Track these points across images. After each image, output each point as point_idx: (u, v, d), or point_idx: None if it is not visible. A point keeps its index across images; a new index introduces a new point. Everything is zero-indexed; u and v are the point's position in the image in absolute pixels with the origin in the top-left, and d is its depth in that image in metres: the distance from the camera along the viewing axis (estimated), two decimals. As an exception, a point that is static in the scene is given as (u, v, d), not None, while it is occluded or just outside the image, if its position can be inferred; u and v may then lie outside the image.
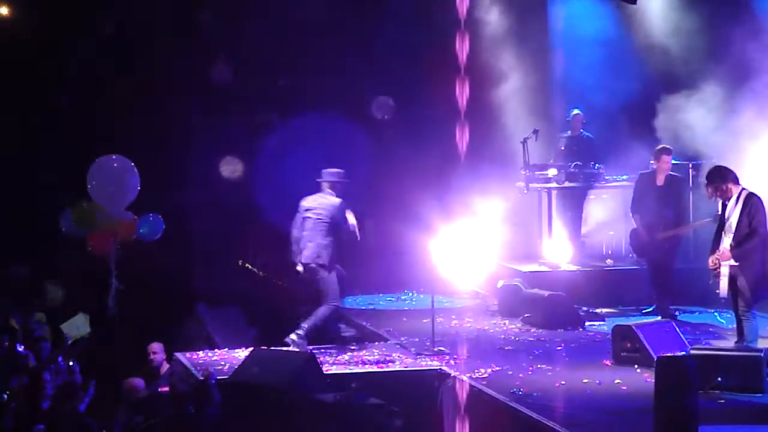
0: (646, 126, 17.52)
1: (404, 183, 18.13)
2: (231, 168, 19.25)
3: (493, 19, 19.10)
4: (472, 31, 17.49)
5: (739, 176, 12.86)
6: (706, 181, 12.97)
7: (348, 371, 13.03)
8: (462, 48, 13.45)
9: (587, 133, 18.23)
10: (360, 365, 13.35)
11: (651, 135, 17.20)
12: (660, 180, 15.66)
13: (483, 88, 18.37)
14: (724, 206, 12.82)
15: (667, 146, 15.82)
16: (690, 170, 17.21)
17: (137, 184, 16.28)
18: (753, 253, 12.60)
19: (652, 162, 15.89)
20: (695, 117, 17.41)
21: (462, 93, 13.13)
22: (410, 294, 17.87)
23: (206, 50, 19.24)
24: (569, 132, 18.28)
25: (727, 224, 12.74)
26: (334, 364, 13.32)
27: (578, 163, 17.71)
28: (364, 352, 14.04)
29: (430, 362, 13.37)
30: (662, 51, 18.05)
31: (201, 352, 14.31)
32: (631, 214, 15.98)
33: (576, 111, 18.24)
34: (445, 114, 17.36)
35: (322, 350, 13.89)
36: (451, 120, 16.75)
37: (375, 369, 13.21)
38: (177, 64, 18.65)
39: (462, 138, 13.96)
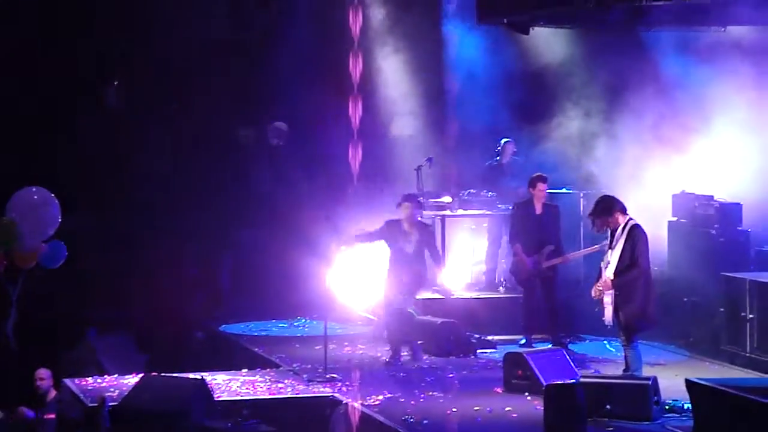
0: (537, 152, 17.75)
1: (298, 208, 18.08)
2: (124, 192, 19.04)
3: (388, 42, 19.18)
4: (367, 56, 17.57)
5: (626, 206, 13.03)
6: (591, 212, 13.13)
7: (239, 398, 12.92)
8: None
9: (516, 157, 18.32)
10: (251, 392, 13.24)
11: (540, 162, 17.41)
12: (538, 209, 15.75)
13: (377, 114, 18.44)
14: (611, 235, 12.97)
15: (542, 174, 15.88)
16: (581, 199, 17.41)
17: (58, 215, 15.91)
18: (634, 284, 12.75)
19: (530, 189, 15.95)
20: (582, 146, 17.71)
21: (355, 122, 13.19)
22: (303, 320, 17.80)
23: (99, 72, 19.06)
24: (498, 159, 18.38)
25: (611, 254, 12.89)
26: (226, 391, 13.20)
27: (471, 190, 17.85)
28: (256, 378, 13.93)
29: (322, 389, 13.33)
30: (554, 79, 18.32)
31: (90, 378, 14.09)
32: (510, 245, 16.08)
33: (506, 139, 18.35)
34: (338, 142, 17.39)
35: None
36: (344, 146, 16.76)
37: (267, 396, 13.11)
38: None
39: (355, 157, 14.01)
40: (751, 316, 14.21)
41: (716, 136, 16.24)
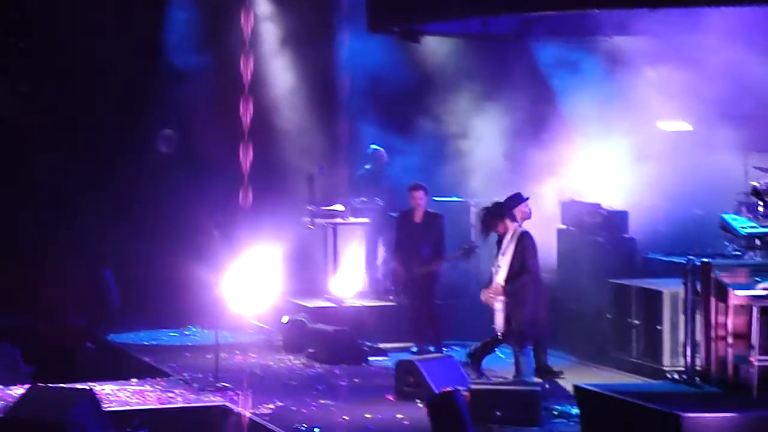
0: (433, 162, 17.88)
1: (188, 217, 17.96)
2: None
3: (281, 57, 19.17)
4: (259, 63, 17.52)
5: (515, 214, 13.18)
6: (481, 218, 13.26)
7: (129, 408, 12.80)
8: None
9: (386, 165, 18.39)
10: (141, 402, 13.12)
11: (427, 169, 17.55)
12: (418, 217, 15.79)
13: (269, 122, 18.41)
14: (500, 242, 13.12)
15: (419, 183, 15.89)
16: (471, 208, 17.56)
17: None
18: (524, 290, 12.93)
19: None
20: (472, 154, 17.89)
21: (247, 131, 13.17)
22: (194, 329, 17.69)
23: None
24: (368, 166, 18.44)
25: (501, 261, 13.03)
26: (115, 401, 13.06)
27: (363, 198, 17.91)
28: (146, 387, 13.81)
29: (213, 398, 13.26)
30: (445, 86, 18.48)
31: (-25, 390, 13.85)
32: (392, 253, 16.14)
33: (374, 146, 18.41)
34: (230, 149, 17.30)
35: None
36: (236, 156, 16.68)
37: (157, 405, 13.01)
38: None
39: (246, 164, 13.99)
40: (636, 322, 14.44)
41: (603, 144, 16.49)
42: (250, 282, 14.54)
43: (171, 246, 18.18)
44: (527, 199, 13.95)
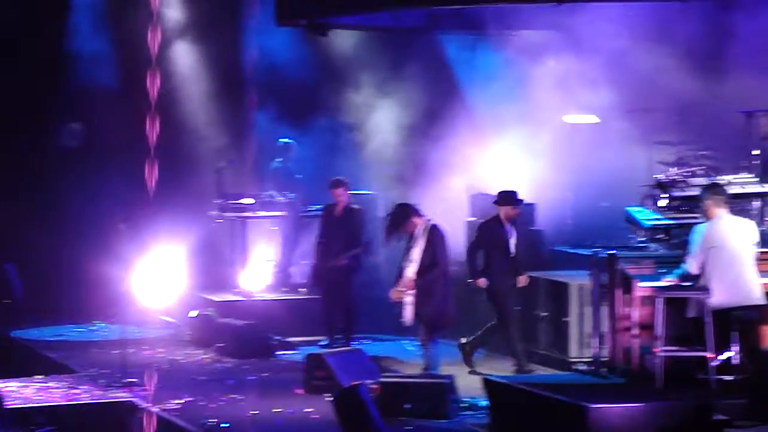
0: (336, 156, 17.87)
1: (95, 210, 17.77)
2: None
3: (186, 48, 19.01)
4: (164, 66, 17.34)
5: (424, 207, 13.24)
6: (387, 224, 13.30)
7: (33, 405, 12.63)
8: (153, 81, 13.37)
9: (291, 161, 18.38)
10: (46, 398, 12.96)
11: (340, 164, 17.55)
12: (338, 212, 15.85)
13: (177, 115, 18.26)
14: (410, 236, 13.16)
15: (340, 178, 15.93)
16: (380, 201, 17.62)
17: None
18: (434, 283, 13.01)
19: None
20: (384, 147, 17.93)
21: (153, 124, 13.04)
22: (100, 324, 17.52)
23: None
24: (279, 159, 18.40)
25: (410, 255, 13.08)
26: (18, 398, 12.88)
27: (272, 192, 17.87)
28: (51, 384, 13.65)
29: (120, 394, 13.13)
30: (349, 82, 18.49)
31: None
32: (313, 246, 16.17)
33: (285, 140, 18.37)
34: (137, 143, 17.11)
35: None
36: (143, 148, 16.51)
37: (62, 402, 12.86)
38: None
39: (153, 170, 13.88)
40: (544, 314, 14.56)
41: (510, 137, 16.60)
42: (157, 276, 14.42)
43: (76, 240, 17.98)
44: (521, 202, 14.01)
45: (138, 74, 16.42)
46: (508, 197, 14.04)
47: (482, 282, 13.98)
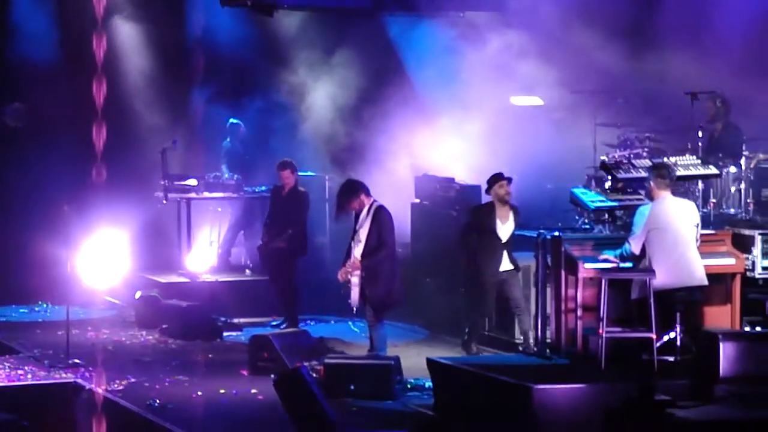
0: (281, 137, 17.86)
1: (38, 191, 17.62)
2: None
3: (131, 24, 18.86)
4: (110, 36, 17.22)
5: (370, 188, 13.25)
6: (337, 197, 13.30)
7: (-24, 386, 12.57)
8: (99, 59, 13.27)
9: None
10: (-11, 380, 12.90)
11: (285, 145, 17.53)
12: (284, 193, 15.80)
13: (121, 96, 18.12)
14: (357, 218, 13.17)
15: (286, 160, 15.89)
16: (327, 182, 17.62)
17: None
18: (381, 264, 13.02)
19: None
20: (329, 128, 17.91)
21: (99, 106, 12.96)
22: (44, 305, 17.40)
23: None
24: (228, 140, 18.36)
25: (357, 236, 13.09)
26: (-40, 379, 12.83)
27: (217, 173, 17.84)
28: (-6, 365, 13.58)
29: (64, 375, 13.05)
30: (299, 61, 18.45)
31: None
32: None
33: (234, 120, 18.32)
34: (82, 125, 17.01)
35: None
36: (88, 131, 16.43)
37: (5, 383, 12.76)
38: None
39: (99, 138, 13.77)
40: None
41: (456, 118, 16.64)
42: (102, 258, 14.37)
43: (20, 221, 17.82)
44: (509, 179, 13.84)
45: (80, 52, 16.41)
46: (491, 177, 13.89)
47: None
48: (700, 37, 15.32)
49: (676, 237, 11.70)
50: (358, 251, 13.07)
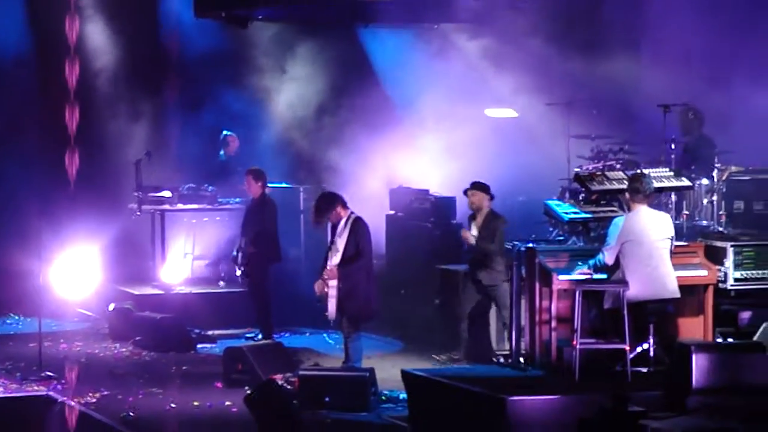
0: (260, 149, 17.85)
1: (11, 204, 17.55)
2: None
3: (105, 44, 18.81)
4: (83, 57, 17.18)
5: (347, 200, 13.25)
6: (313, 208, 13.28)
7: (-53, 400, 12.50)
8: (72, 74, 13.25)
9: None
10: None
11: (260, 156, 17.52)
12: (252, 203, 15.75)
13: (95, 108, 18.07)
14: (334, 229, 13.16)
15: (251, 168, 15.79)
16: (301, 194, 17.60)
17: None
18: (358, 275, 12.99)
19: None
20: (306, 140, 17.92)
21: (72, 119, 12.92)
22: (16, 317, 17.32)
23: None
24: (223, 153, 18.33)
25: (334, 246, 13.08)
26: (-69, 393, 12.74)
27: (191, 185, 17.79)
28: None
29: (36, 388, 13.00)
30: (273, 73, 18.45)
31: None
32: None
33: (227, 132, 18.29)
34: (55, 137, 16.95)
35: None
36: (61, 142, 16.38)
37: (-22, 396, 12.73)
38: None
39: (72, 164, 13.75)
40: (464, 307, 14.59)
41: (431, 130, 16.68)
42: (75, 269, 14.33)
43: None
44: (471, 187, 13.86)
45: (55, 65, 16.30)
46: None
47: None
48: (675, 49, 15.42)
49: (651, 249, 11.74)
50: (335, 261, 13.05)
